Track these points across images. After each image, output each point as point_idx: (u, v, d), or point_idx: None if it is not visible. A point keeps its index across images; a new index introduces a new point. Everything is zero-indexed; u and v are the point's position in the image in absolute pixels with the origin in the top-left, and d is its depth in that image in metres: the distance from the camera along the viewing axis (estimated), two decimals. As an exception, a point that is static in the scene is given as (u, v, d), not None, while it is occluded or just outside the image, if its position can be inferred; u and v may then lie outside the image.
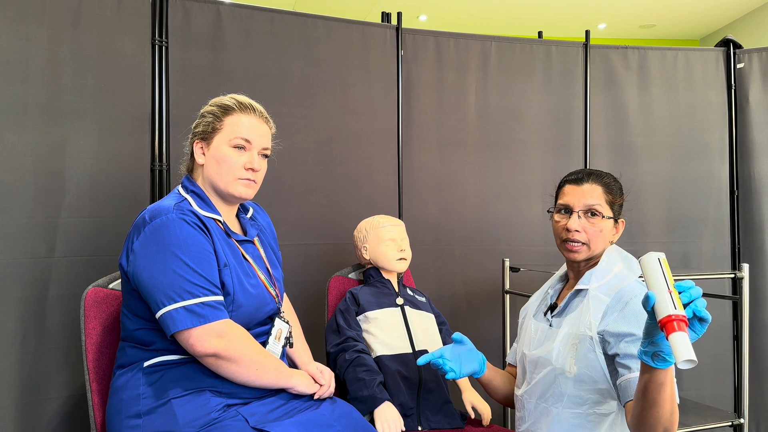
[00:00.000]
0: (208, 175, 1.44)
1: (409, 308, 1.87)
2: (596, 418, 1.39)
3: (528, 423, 1.49)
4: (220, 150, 1.42)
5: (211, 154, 1.43)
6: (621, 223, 1.51)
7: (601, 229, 1.45)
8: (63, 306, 1.86)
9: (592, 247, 1.46)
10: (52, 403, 1.85)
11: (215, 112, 1.45)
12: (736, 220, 2.84)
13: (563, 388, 1.41)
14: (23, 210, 1.81)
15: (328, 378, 1.53)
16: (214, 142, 1.43)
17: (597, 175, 1.50)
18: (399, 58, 2.49)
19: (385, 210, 2.35)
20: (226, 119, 1.43)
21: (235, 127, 1.43)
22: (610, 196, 1.48)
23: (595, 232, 1.45)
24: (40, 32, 1.86)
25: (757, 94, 2.82)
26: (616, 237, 1.51)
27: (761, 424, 2.78)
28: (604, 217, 1.45)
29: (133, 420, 1.31)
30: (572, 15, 6.58)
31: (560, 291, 1.60)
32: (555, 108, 2.72)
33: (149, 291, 1.29)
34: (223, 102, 1.46)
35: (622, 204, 1.51)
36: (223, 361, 1.29)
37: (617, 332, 1.34)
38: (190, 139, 1.50)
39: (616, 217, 1.50)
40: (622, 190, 1.52)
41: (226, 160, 1.41)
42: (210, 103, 1.50)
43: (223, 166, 1.41)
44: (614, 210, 1.49)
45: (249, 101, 1.48)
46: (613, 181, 1.51)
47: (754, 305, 2.68)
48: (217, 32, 2.17)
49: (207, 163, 1.44)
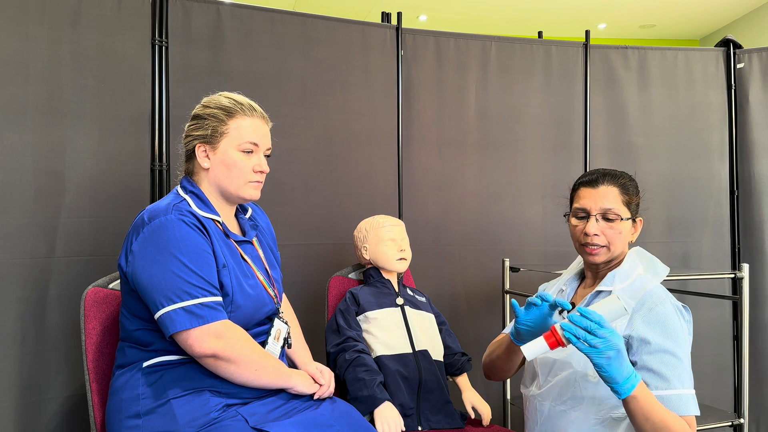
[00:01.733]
0: (215, 180, 1.43)
1: (409, 308, 1.87)
2: (612, 422, 1.37)
3: (540, 425, 1.47)
4: (228, 155, 1.42)
5: (219, 159, 1.42)
6: (639, 221, 1.49)
7: (620, 231, 1.43)
8: (63, 306, 1.86)
9: (612, 249, 1.44)
10: (52, 403, 1.85)
11: (217, 116, 1.42)
12: (736, 220, 2.84)
13: (583, 392, 1.39)
14: (23, 210, 1.81)
15: (327, 378, 1.53)
16: (221, 146, 1.42)
17: (612, 176, 1.47)
18: (399, 58, 2.49)
19: (385, 210, 2.35)
20: (230, 122, 1.42)
21: (241, 131, 1.42)
22: (627, 197, 1.45)
23: (614, 234, 1.43)
24: (40, 32, 1.86)
25: (757, 94, 2.82)
26: (635, 236, 1.49)
27: (761, 424, 2.78)
28: (622, 219, 1.44)
29: (132, 420, 1.31)
30: (572, 15, 6.57)
31: (576, 290, 1.58)
32: (555, 108, 2.71)
33: (148, 292, 1.29)
34: (223, 104, 1.44)
35: (638, 203, 1.49)
36: (222, 362, 1.29)
37: (641, 337, 1.32)
38: (188, 141, 1.46)
39: (634, 217, 1.48)
40: (638, 189, 1.50)
41: (237, 165, 1.42)
42: (206, 103, 1.46)
43: (234, 171, 1.42)
44: (631, 210, 1.46)
45: (249, 102, 1.47)
46: (628, 181, 1.49)
47: (754, 305, 2.68)
48: (217, 32, 2.17)
49: (214, 167, 1.43)
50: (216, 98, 1.47)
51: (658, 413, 1.21)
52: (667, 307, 1.35)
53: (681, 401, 1.27)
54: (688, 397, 1.28)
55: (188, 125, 1.48)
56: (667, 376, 1.28)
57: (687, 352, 1.33)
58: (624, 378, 1.19)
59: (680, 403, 1.27)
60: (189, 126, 1.47)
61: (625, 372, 1.19)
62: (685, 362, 1.32)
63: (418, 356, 1.77)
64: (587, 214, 1.45)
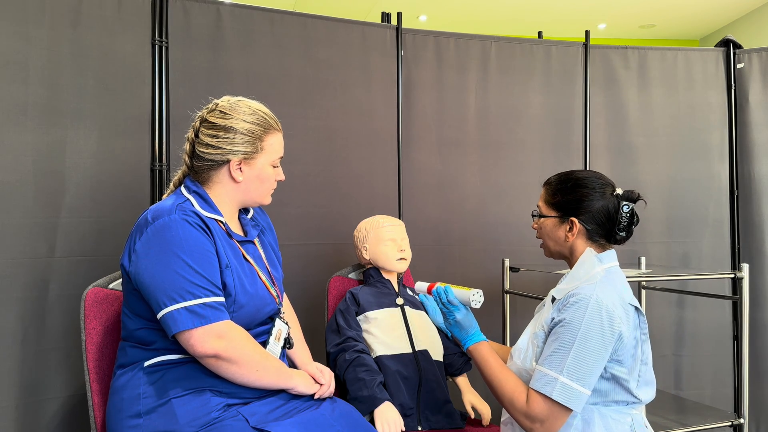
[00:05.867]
0: (245, 191, 1.45)
1: (409, 308, 1.87)
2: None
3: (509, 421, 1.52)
4: (265, 171, 1.46)
5: (255, 174, 1.44)
6: (572, 221, 1.47)
7: (540, 227, 1.54)
8: (63, 306, 1.86)
9: (547, 245, 1.54)
10: (52, 403, 1.85)
11: (256, 132, 1.41)
12: (736, 220, 2.84)
13: None
14: (23, 210, 1.81)
15: (328, 378, 1.53)
16: (259, 162, 1.44)
17: (547, 182, 1.56)
18: (399, 58, 2.49)
19: (385, 210, 2.35)
20: (266, 139, 1.44)
21: (275, 147, 1.47)
22: (549, 196, 1.52)
23: (540, 230, 1.55)
24: (40, 32, 1.86)
25: (757, 94, 2.82)
26: (572, 235, 1.47)
27: (761, 424, 2.78)
28: (541, 217, 1.53)
29: (133, 420, 1.31)
30: (572, 15, 6.57)
31: None
32: (555, 108, 2.72)
33: (151, 291, 1.29)
34: (258, 119, 1.42)
35: (567, 201, 1.47)
36: (224, 362, 1.29)
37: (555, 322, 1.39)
38: (220, 153, 1.40)
39: (563, 216, 1.48)
40: (568, 190, 1.48)
41: (269, 179, 1.48)
42: (234, 114, 1.41)
43: (266, 183, 1.48)
44: (557, 208, 1.49)
45: (274, 117, 1.48)
46: (557, 182, 1.52)
47: (753, 305, 2.68)
48: (217, 32, 2.17)
49: (248, 181, 1.44)
50: (242, 109, 1.42)
51: (489, 370, 1.43)
52: (582, 305, 1.35)
53: (542, 378, 1.34)
54: (550, 378, 1.33)
55: (215, 135, 1.40)
56: (546, 355, 1.37)
57: (587, 346, 1.32)
58: (463, 338, 1.51)
59: (540, 379, 1.34)
60: (219, 137, 1.40)
61: (465, 334, 1.51)
62: (577, 353, 1.32)
63: (418, 356, 1.77)
64: None
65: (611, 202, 1.45)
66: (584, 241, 1.47)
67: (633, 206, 1.45)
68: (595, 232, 1.46)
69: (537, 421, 1.33)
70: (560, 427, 1.34)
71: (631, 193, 1.46)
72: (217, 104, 1.45)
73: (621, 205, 1.44)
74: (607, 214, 1.45)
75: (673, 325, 2.80)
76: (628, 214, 1.44)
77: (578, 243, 1.48)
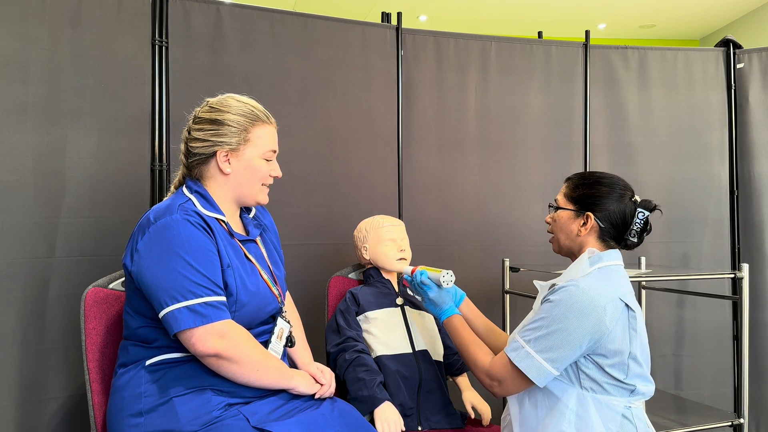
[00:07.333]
0: (236, 184, 1.45)
1: (409, 308, 1.87)
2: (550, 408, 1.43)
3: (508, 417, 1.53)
4: (254, 162, 1.45)
5: (244, 166, 1.44)
6: (587, 216, 1.48)
7: (555, 219, 1.55)
8: (63, 306, 1.86)
9: (558, 238, 1.55)
10: (52, 403, 1.85)
11: (241, 123, 1.42)
12: (736, 220, 2.84)
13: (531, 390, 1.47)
14: (23, 210, 1.81)
15: (328, 378, 1.53)
16: (246, 154, 1.43)
17: (569, 177, 1.57)
18: (399, 58, 2.49)
19: (385, 210, 2.35)
20: (253, 131, 1.43)
21: (265, 139, 1.45)
22: (569, 190, 1.53)
23: (553, 223, 1.56)
24: (40, 32, 1.86)
25: (757, 94, 2.82)
26: (584, 231, 1.48)
27: (761, 424, 2.78)
28: (558, 209, 1.54)
29: (134, 418, 1.31)
30: (572, 15, 6.58)
31: None
32: (555, 108, 2.72)
33: (153, 291, 1.29)
34: (243, 110, 1.43)
35: (586, 195, 1.48)
36: (225, 362, 1.30)
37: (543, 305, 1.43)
38: (206, 145, 1.42)
39: (579, 210, 1.49)
40: (588, 185, 1.50)
41: (259, 171, 1.46)
42: (222, 108, 1.42)
43: (256, 176, 1.46)
44: (575, 201, 1.50)
45: (263, 109, 1.48)
46: (579, 178, 1.54)
47: (753, 305, 2.68)
48: (217, 32, 2.17)
49: (237, 173, 1.44)
50: (230, 102, 1.44)
51: (459, 338, 1.53)
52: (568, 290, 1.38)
53: (512, 344, 1.41)
54: (518, 345, 1.39)
55: (202, 128, 1.43)
56: (523, 326, 1.44)
57: (560, 326, 1.35)
58: (438, 313, 1.61)
59: (511, 344, 1.42)
60: (205, 130, 1.42)
61: (438, 310, 1.61)
62: (549, 330, 1.36)
63: (418, 356, 1.77)
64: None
65: (629, 206, 1.47)
66: (594, 239, 1.49)
67: (648, 215, 1.46)
68: (606, 232, 1.47)
69: (495, 380, 1.42)
70: (516, 392, 1.43)
71: (648, 203, 1.47)
72: (207, 101, 1.48)
73: (637, 211, 1.45)
74: (622, 216, 1.46)
75: (673, 325, 2.80)
76: (642, 221, 1.46)
77: (588, 240, 1.49)
